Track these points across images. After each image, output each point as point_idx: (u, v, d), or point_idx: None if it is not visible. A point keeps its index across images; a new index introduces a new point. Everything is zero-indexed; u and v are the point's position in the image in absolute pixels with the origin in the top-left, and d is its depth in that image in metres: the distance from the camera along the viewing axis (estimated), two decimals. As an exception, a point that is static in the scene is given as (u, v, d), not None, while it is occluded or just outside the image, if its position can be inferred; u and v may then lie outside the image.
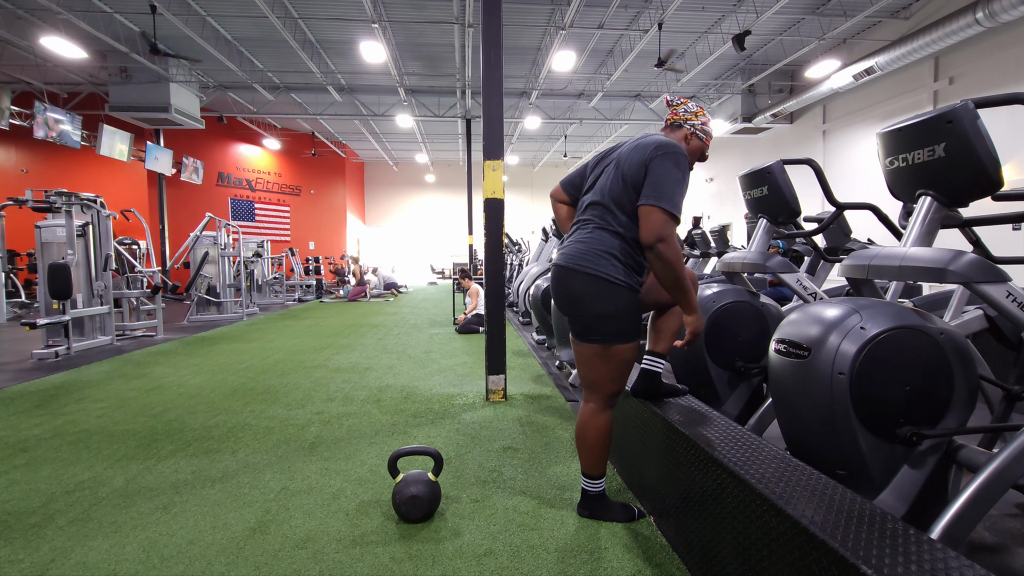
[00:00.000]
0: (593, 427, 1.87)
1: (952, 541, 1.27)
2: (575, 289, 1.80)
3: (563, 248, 1.90)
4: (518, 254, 10.35)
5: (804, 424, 1.57)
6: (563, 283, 1.85)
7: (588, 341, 1.82)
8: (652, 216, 1.66)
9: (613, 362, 1.81)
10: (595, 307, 1.77)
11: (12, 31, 9.24)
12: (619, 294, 1.76)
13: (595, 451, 1.88)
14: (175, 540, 1.84)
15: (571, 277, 1.81)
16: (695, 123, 1.90)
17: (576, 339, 1.87)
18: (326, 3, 8.94)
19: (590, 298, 1.77)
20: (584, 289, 1.78)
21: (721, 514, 1.43)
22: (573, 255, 1.82)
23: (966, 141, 1.47)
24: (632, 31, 9.69)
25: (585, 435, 1.88)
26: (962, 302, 2.18)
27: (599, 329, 1.78)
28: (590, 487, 1.94)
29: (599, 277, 1.76)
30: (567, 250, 1.86)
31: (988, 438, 1.75)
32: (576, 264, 1.80)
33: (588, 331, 1.81)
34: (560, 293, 1.88)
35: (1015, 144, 7.48)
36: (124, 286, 7.05)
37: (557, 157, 21.09)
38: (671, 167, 1.69)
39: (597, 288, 1.76)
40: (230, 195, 17.17)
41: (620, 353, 1.80)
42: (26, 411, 3.43)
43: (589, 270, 1.77)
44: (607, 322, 1.77)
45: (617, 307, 1.76)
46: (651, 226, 1.65)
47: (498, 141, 3.58)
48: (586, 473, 1.93)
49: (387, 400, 3.65)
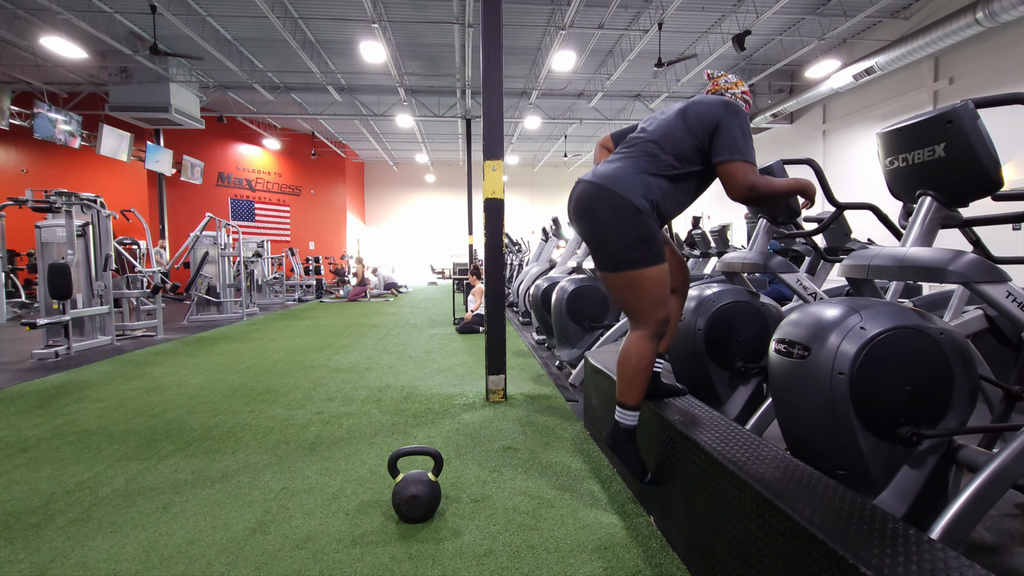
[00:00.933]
0: (635, 354, 1.81)
1: (952, 541, 1.27)
2: (600, 212, 1.78)
3: (597, 169, 1.87)
4: (518, 254, 10.35)
5: (804, 424, 1.57)
6: (589, 202, 1.81)
7: (618, 271, 1.79)
8: (737, 169, 1.71)
9: (648, 286, 1.77)
10: (621, 236, 1.75)
11: (12, 31, 9.24)
12: (642, 220, 1.74)
13: (635, 379, 1.82)
14: (175, 540, 1.84)
15: (598, 195, 1.79)
16: (736, 92, 1.91)
17: (605, 271, 1.84)
18: (326, 3, 8.95)
19: (616, 225, 1.75)
20: (608, 213, 1.76)
21: (721, 514, 1.43)
22: (606, 175, 1.80)
23: (966, 141, 1.47)
24: (632, 31, 9.69)
25: (627, 360, 1.83)
26: (962, 302, 2.18)
27: (626, 259, 1.76)
28: (623, 418, 1.87)
29: (627, 200, 1.74)
30: (601, 169, 1.84)
31: (988, 438, 1.75)
32: (607, 183, 1.78)
33: (616, 261, 1.78)
34: (583, 214, 1.84)
35: (1015, 144, 7.48)
36: (124, 286, 7.05)
37: (557, 157, 21.09)
38: (738, 125, 1.75)
39: (622, 213, 1.74)
40: (230, 195, 17.17)
41: (653, 276, 1.76)
42: (26, 411, 3.43)
43: (619, 191, 1.75)
44: (634, 249, 1.75)
45: (641, 232, 1.74)
46: (740, 179, 1.70)
47: (498, 141, 3.58)
48: (621, 401, 1.87)
49: (387, 400, 3.65)
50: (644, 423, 2.03)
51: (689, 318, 2.34)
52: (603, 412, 2.64)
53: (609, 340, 3.79)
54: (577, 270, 4.77)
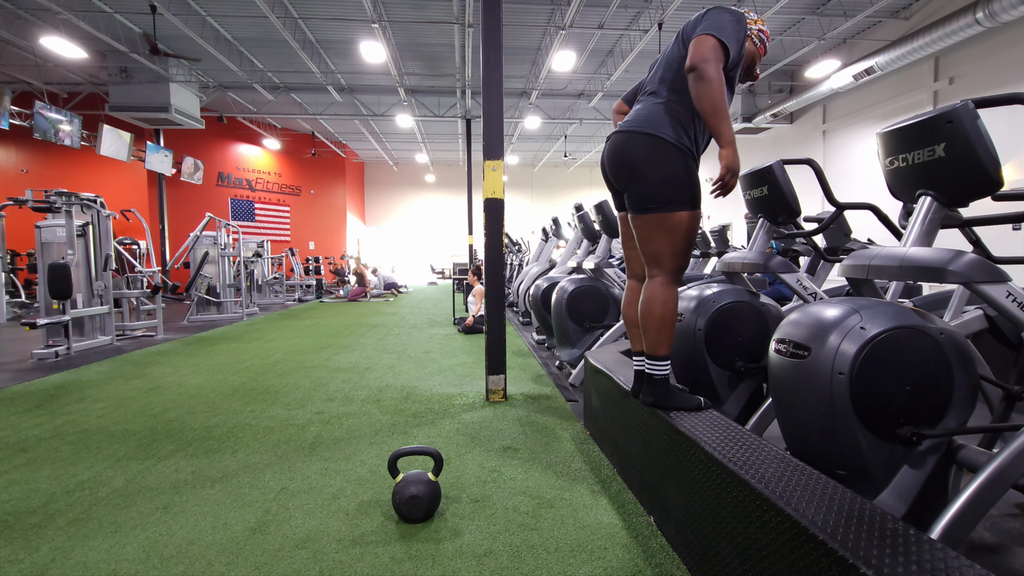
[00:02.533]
0: (659, 300, 1.80)
1: (952, 541, 1.27)
2: (633, 153, 1.80)
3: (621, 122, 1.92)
4: (518, 254, 10.35)
5: (804, 424, 1.57)
6: (621, 148, 1.85)
7: (647, 212, 1.80)
8: (700, 41, 1.66)
9: (675, 231, 1.77)
10: (653, 173, 1.77)
11: (12, 31, 9.24)
12: (675, 156, 1.75)
13: (664, 327, 1.80)
14: (175, 540, 1.84)
15: (630, 140, 1.82)
16: (752, 28, 1.90)
17: (635, 213, 1.85)
18: (326, 3, 8.94)
19: (647, 163, 1.77)
20: (642, 152, 1.78)
21: (721, 514, 1.43)
22: (633, 120, 1.85)
23: (966, 141, 1.47)
24: (632, 31, 9.69)
25: (651, 310, 1.80)
26: (962, 302, 2.18)
27: (657, 196, 1.76)
28: (656, 370, 1.85)
29: (658, 137, 1.76)
30: (628, 118, 1.88)
31: (988, 438, 1.75)
32: (635, 127, 1.81)
33: (646, 200, 1.79)
34: (616, 160, 1.87)
35: (1015, 144, 7.48)
36: (124, 286, 7.05)
37: (557, 157, 21.08)
38: (726, 14, 1.72)
39: (655, 151, 1.76)
40: (230, 195, 17.16)
41: (682, 221, 1.77)
42: (26, 411, 3.43)
43: (648, 131, 1.78)
44: (665, 188, 1.75)
45: (674, 171, 1.75)
46: (697, 49, 1.65)
47: (498, 141, 3.58)
48: (650, 354, 1.84)
49: (387, 400, 3.65)
50: (644, 423, 2.03)
51: (689, 318, 2.34)
52: (603, 412, 2.64)
53: (609, 340, 3.79)
54: (577, 270, 4.77)
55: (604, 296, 4.21)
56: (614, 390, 2.39)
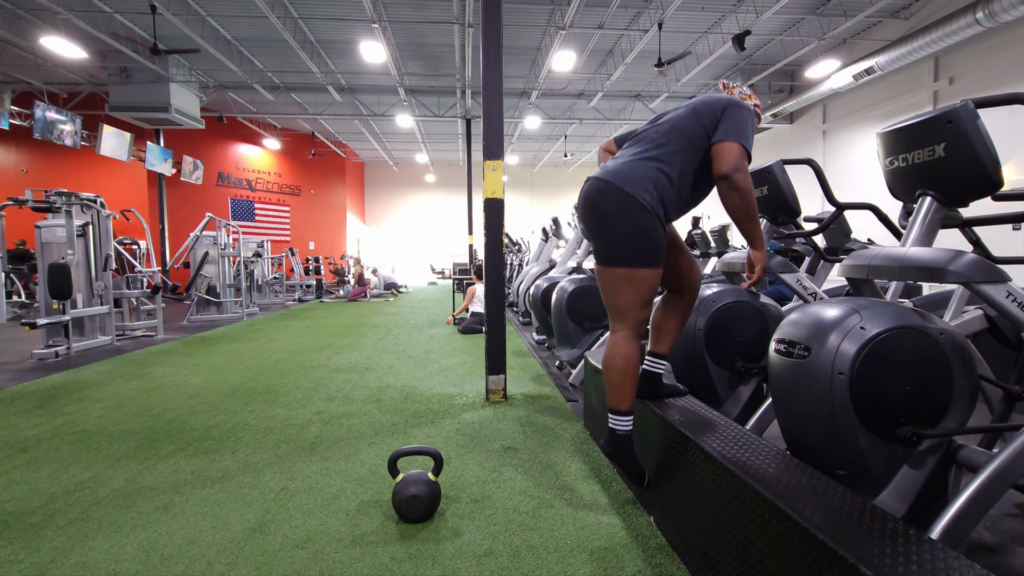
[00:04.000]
0: (621, 355, 1.82)
1: (952, 541, 1.27)
2: (607, 206, 1.81)
3: (605, 165, 1.91)
4: (518, 254, 10.35)
5: (804, 424, 1.57)
6: (597, 197, 1.85)
7: (614, 265, 1.82)
8: (730, 148, 1.72)
9: (640, 287, 1.80)
10: (624, 227, 1.78)
11: (12, 31, 9.24)
12: (648, 219, 1.77)
13: (624, 381, 1.83)
14: (175, 540, 1.84)
15: (607, 191, 1.82)
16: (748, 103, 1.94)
17: (601, 265, 1.87)
18: (326, 3, 8.95)
19: (619, 217, 1.79)
20: (615, 207, 1.79)
21: (721, 514, 1.43)
22: (615, 172, 1.84)
23: (966, 141, 1.47)
24: (632, 31, 9.69)
25: (613, 364, 1.84)
26: (962, 302, 2.18)
27: (625, 252, 1.79)
28: (618, 425, 1.87)
29: (634, 198, 1.77)
30: (610, 166, 1.87)
31: (988, 438, 1.75)
32: (615, 179, 1.81)
33: (614, 254, 1.81)
34: (590, 208, 1.88)
35: (1015, 144, 7.48)
36: (124, 286, 7.05)
37: (557, 157, 21.09)
38: (747, 116, 1.78)
39: (629, 209, 1.77)
40: (230, 195, 17.16)
41: (646, 278, 1.79)
42: (26, 411, 3.43)
43: (627, 188, 1.78)
44: (634, 244, 1.77)
45: (644, 230, 1.77)
46: (728, 157, 1.71)
47: (498, 141, 3.58)
48: (612, 407, 1.87)
49: (387, 400, 3.65)
50: (644, 423, 2.03)
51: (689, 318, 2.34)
52: (603, 412, 2.63)
53: (609, 340, 3.79)
54: (577, 270, 4.77)
55: (604, 296, 4.20)
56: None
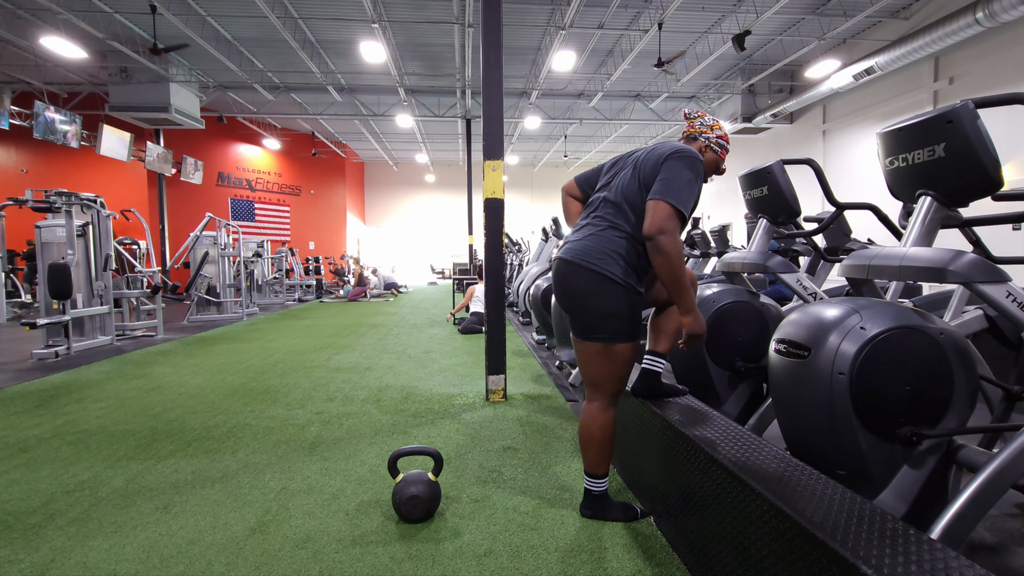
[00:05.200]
0: (597, 426, 1.87)
1: (952, 541, 1.27)
2: (579, 286, 1.81)
3: (569, 243, 1.89)
4: (518, 254, 10.35)
5: (804, 424, 1.57)
6: (567, 278, 1.85)
7: (590, 339, 1.83)
8: (657, 208, 1.68)
9: (615, 361, 1.82)
10: (598, 305, 1.79)
11: (12, 31, 9.24)
12: (621, 294, 1.77)
13: (600, 450, 1.89)
14: (175, 540, 1.84)
15: (576, 273, 1.82)
16: (710, 136, 1.94)
17: (578, 338, 1.88)
18: (326, 3, 8.94)
19: (593, 296, 1.79)
20: (588, 287, 1.79)
21: (721, 514, 1.43)
22: (580, 251, 1.83)
23: (966, 141, 1.47)
24: (632, 31, 9.69)
25: (590, 434, 1.89)
26: (962, 302, 2.18)
27: (601, 328, 1.80)
28: (593, 487, 1.94)
29: (604, 275, 1.77)
30: (574, 246, 1.86)
31: (988, 438, 1.75)
32: (582, 260, 1.81)
33: (590, 329, 1.82)
34: (563, 289, 1.88)
35: (1015, 144, 7.48)
36: (124, 286, 7.05)
37: (557, 157, 21.08)
38: (684, 168, 1.72)
39: (600, 286, 1.77)
40: (230, 195, 17.16)
41: (622, 352, 1.82)
42: (26, 411, 3.43)
43: (595, 267, 1.78)
44: (609, 321, 1.78)
45: (619, 306, 1.77)
46: (654, 217, 1.67)
47: (498, 141, 3.58)
48: (589, 472, 1.93)
49: (387, 400, 3.65)
50: (644, 423, 2.03)
51: (689, 318, 2.34)
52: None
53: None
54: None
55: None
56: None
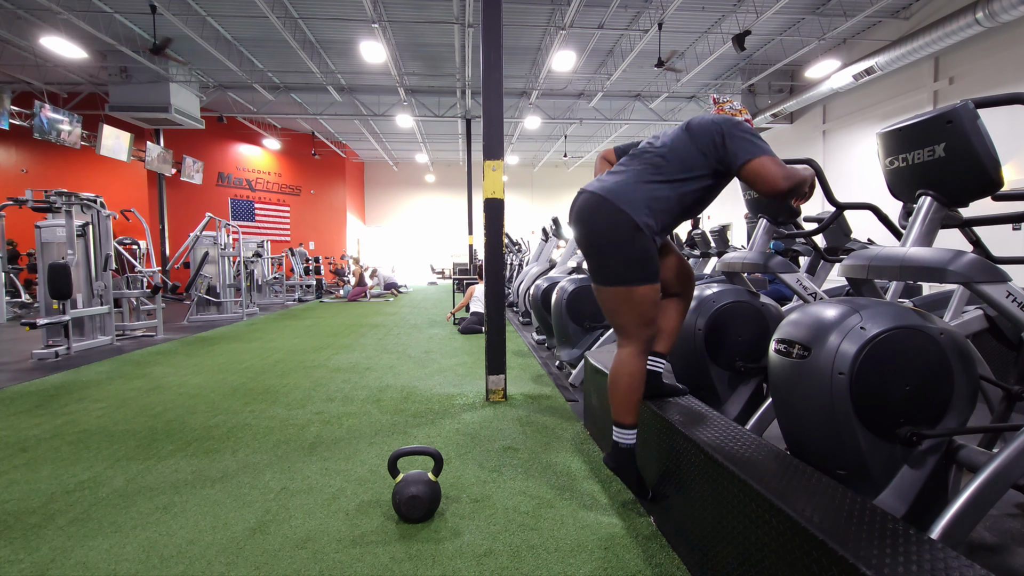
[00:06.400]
0: (627, 372, 1.82)
1: (952, 541, 1.27)
2: (601, 224, 1.78)
3: (602, 179, 1.87)
4: (518, 254, 10.34)
5: (804, 424, 1.57)
6: (593, 213, 1.81)
7: (610, 285, 1.80)
8: (765, 163, 1.67)
9: (641, 304, 1.78)
10: (617, 247, 1.76)
11: (12, 31, 9.24)
12: (643, 239, 1.75)
13: (623, 397, 1.83)
14: (175, 540, 1.84)
15: (603, 208, 1.78)
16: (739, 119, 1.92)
17: (599, 285, 1.85)
18: (326, 3, 8.94)
19: (613, 237, 1.76)
20: (610, 226, 1.77)
21: (721, 514, 1.43)
22: (612, 188, 1.80)
23: (966, 141, 1.47)
24: (632, 31, 9.69)
25: (618, 380, 1.84)
26: (962, 302, 2.18)
27: (621, 272, 1.77)
28: (620, 438, 1.87)
29: (630, 217, 1.74)
30: (607, 181, 1.83)
31: (988, 438, 1.75)
32: (611, 196, 1.78)
33: (610, 276, 1.80)
34: (585, 223, 1.84)
35: (1015, 144, 7.48)
36: (124, 286, 7.05)
37: (557, 157, 21.09)
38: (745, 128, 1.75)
39: (623, 229, 1.75)
40: (230, 195, 17.16)
41: (646, 294, 1.78)
42: (26, 411, 3.43)
43: (623, 206, 1.75)
44: (629, 265, 1.76)
45: (638, 251, 1.75)
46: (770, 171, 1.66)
47: (498, 141, 3.58)
48: (617, 421, 1.87)
49: (387, 400, 3.65)
50: (644, 423, 2.03)
51: (689, 318, 2.34)
52: (603, 412, 2.63)
53: (609, 340, 3.79)
54: (577, 270, 4.77)
55: (604, 296, 4.20)
56: (614, 390, 2.38)
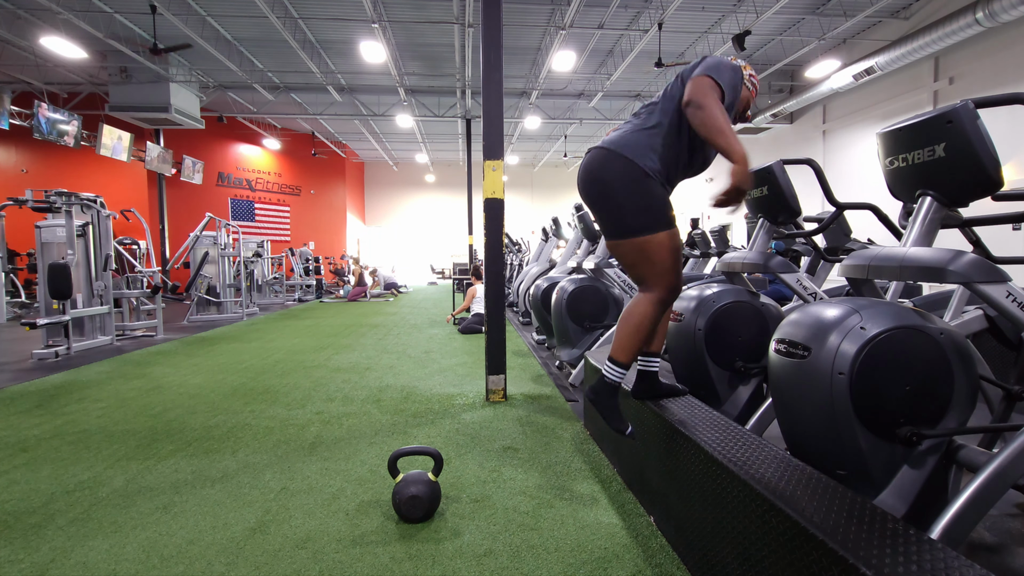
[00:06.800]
0: (639, 312, 1.80)
1: (952, 541, 1.27)
2: (608, 174, 1.79)
3: (605, 137, 1.90)
4: (518, 254, 10.34)
5: (804, 424, 1.57)
6: (598, 166, 1.82)
7: (626, 238, 1.79)
8: (699, 80, 1.66)
9: (659, 253, 1.77)
10: (626, 200, 1.76)
11: (12, 31, 9.24)
12: (652, 185, 1.75)
13: (628, 336, 1.80)
14: (175, 540, 1.84)
15: (607, 160, 1.80)
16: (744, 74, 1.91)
17: (613, 240, 1.84)
18: (326, 3, 8.94)
19: (621, 189, 1.76)
20: (616, 176, 1.77)
21: (721, 514, 1.43)
22: (614, 140, 1.82)
23: (966, 141, 1.47)
24: (632, 31, 9.69)
25: (628, 318, 1.81)
26: (962, 302, 2.18)
27: (634, 223, 1.76)
28: (611, 373, 1.84)
29: (636, 164, 1.75)
30: (611, 136, 1.86)
31: (988, 438, 1.75)
32: (616, 147, 1.79)
33: (624, 228, 1.79)
34: (591, 178, 1.84)
35: (1015, 144, 7.48)
36: (124, 286, 7.05)
37: (557, 157, 21.08)
38: (722, 61, 1.73)
39: (631, 177, 1.75)
40: (230, 195, 17.15)
41: (662, 242, 1.76)
42: (26, 411, 3.43)
43: (627, 154, 1.76)
44: (640, 214, 1.75)
45: (649, 198, 1.75)
46: (695, 86, 1.65)
47: (498, 141, 3.58)
48: (613, 357, 1.84)
49: (387, 400, 3.65)
50: (644, 423, 2.03)
51: (689, 318, 2.34)
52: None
53: (609, 340, 3.79)
54: (577, 270, 4.77)
55: (604, 296, 4.21)
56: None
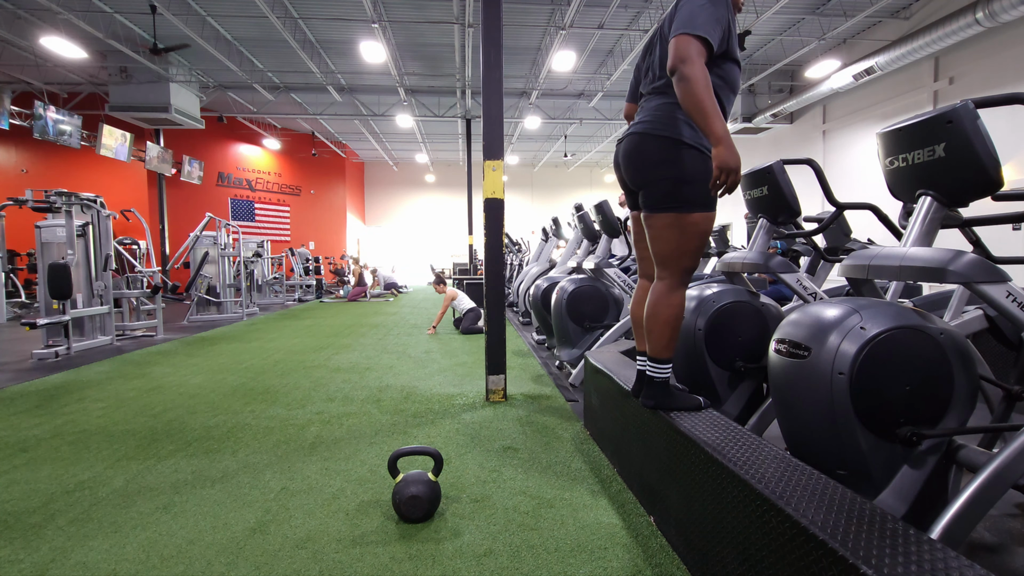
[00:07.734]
0: (666, 304, 1.80)
1: (952, 541, 1.27)
2: (649, 154, 1.78)
3: (633, 122, 1.89)
4: (518, 254, 10.34)
5: (804, 424, 1.57)
6: (637, 149, 1.82)
7: (661, 211, 1.78)
8: (678, 42, 1.60)
9: (688, 232, 1.76)
10: (669, 173, 1.74)
11: (12, 31, 9.23)
12: (693, 157, 1.73)
13: (667, 330, 1.80)
14: (175, 540, 1.84)
15: (645, 141, 1.79)
16: None
17: (648, 212, 1.83)
18: (326, 3, 8.94)
19: (664, 163, 1.75)
20: (658, 154, 1.76)
21: (721, 514, 1.43)
22: (647, 121, 1.81)
23: (966, 141, 1.47)
24: (632, 31, 9.69)
25: (657, 313, 1.80)
26: (962, 302, 2.18)
27: (673, 196, 1.74)
28: (657, 373, 1.85)
29: (674, 139, 1.73)
30: (639, 121, 1.85)
31: (988, 438, 1.75)
32: (651, 129, 1.78)
33: (661, 200, 1.77)
34: (633, 160, 1.84)
35: (1015, 144, 7.48)
36: (124, 286, 7.05)
37: (557, 157, 21.08)
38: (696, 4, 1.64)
39: (672, 151, 1.74)
40: (230, 195, 17.16)
41: (696, 223, 1.75)
42: (26, 411, 3.43)
43: (664, 133, 1.75)
44: (681, 188, 1.73)
45: (690, 171, 1.73)
46: (676, 50, 1.59)
47: (498, 141, 3.58)
48: (653, 356, 1.84)
49: (387, 400, 3.65)
50: (644, 423, 2.03)
51: (689, 318, 2.34)
52: (603, 412, 2.64)
53: (609, 340, 3.79)
54: (577, 270, 4.77)
55: (604, 296, 4.20)
56: (614, 390, 2.39)
